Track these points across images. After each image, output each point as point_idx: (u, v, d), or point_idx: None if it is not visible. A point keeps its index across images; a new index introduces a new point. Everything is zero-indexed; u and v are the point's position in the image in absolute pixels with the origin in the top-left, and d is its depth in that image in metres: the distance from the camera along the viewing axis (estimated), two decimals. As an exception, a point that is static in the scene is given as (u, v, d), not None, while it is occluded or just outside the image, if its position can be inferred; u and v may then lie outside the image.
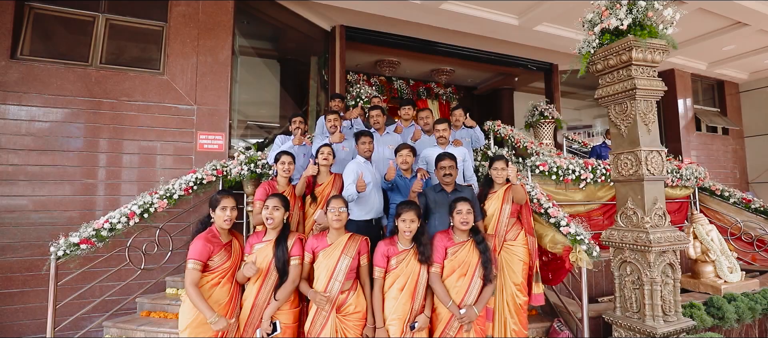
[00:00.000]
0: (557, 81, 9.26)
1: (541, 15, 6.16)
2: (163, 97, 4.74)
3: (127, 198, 4.34)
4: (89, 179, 4.43)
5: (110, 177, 4.52)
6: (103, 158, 4.49)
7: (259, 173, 4.53)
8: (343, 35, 7.30)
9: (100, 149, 4.50)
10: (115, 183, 4.51)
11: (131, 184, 4.56)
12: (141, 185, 4.56)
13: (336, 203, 2.74)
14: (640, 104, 3.04)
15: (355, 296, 2.64)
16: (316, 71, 8.20)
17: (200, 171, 4.35)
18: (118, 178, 4.53)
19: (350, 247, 2.68)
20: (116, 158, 4.53)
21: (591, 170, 4.42)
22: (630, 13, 2.90)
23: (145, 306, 3.98)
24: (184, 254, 4.57)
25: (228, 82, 5.05)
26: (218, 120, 4.96)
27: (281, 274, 2.59)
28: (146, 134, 4.65)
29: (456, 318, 2.60)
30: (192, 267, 2.41)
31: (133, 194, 4.42)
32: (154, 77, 4.74)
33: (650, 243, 2.87)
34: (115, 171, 4.53)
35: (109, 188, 4.49)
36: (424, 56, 8.42)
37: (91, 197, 4.42)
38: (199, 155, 4.85)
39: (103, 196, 4.45)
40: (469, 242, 2.74)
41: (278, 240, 2.64)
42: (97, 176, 4.47)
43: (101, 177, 4.48)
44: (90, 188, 4.43)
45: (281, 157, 3.35)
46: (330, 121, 4.04)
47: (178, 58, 4.84)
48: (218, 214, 2.59)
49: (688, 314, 3.43)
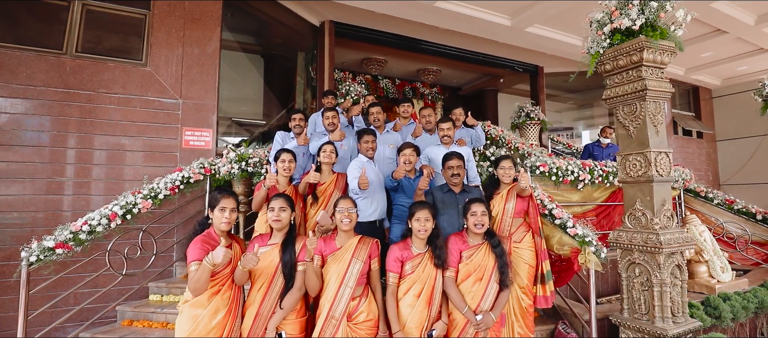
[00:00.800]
0: (542, 83, 9.38)
1: (534, 16, 6.18)
2: (145, 89, 4.43)
3: (106, 198, 4.03)
4: (62, 178, 4.08)
5: (86, 175, 4.18)
6: (79, 155, 4.15)
7: (251, 172, 4.31)
8: (332, 31, 7.11)
9: (75, 144, 4.15)
10: (92, 182, 4.18)
11: (110, 183, 4.23)
12: (121, 184, 4.25)
13: (345, 203, 2.59)
14: (649, 105, 3.03)
15: (367, 303, 2.49)
16: (303, 68, 7.96)
17: (187, 169, 4.09)
18: (95, 176, 4.20)
19: (361, 250, 2.53)
20: (93, 154, 4.20)
21: (588, 171, 4.43)
22: (642, 13, 2.88)
23: (126, 315, 3.69)
24: (168, 258, 4.32)
25: (216, 76, 4.78)
26: (205, 115, 4.69)
27: (288, 280, 2.40)
28: (127, 129, 4.33)
29: (472, 324, 2.49)
30: (195, 269, 2.18)
31: (112, 193, 4.10)
32: (136, 68, 4.42)
33: (661, 245, 2.86)
34: (91, 169, 4.20)
35: (86, 187, 4.15)
36: (412, 55, 8.34)
37: (65, 197, 4.08)
38: (185, 153, 4.56)
39: (79, 195, 4.11)
40: (484, 246, 2.64)
41: (285, 244, 2.45)
42: (71, 175, 4.12)
43: (76, 175, 4.13)
44: (64, 187, 4.08)
45: (281, 155, 3.16)
46: (328, 118, 3.87)
47: (163, 48, 4.54)
48: (217, 215, 2.38)
49: (689, 314, 3.45)
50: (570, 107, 12.63)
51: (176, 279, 4.20)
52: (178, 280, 4.16)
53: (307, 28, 7.16)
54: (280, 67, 8.64)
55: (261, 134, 7.86)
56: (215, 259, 2.10)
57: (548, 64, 9.11)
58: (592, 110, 12.79)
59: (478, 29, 6.73)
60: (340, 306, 2.41)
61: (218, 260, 2.10)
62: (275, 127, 8.09)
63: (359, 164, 3.39)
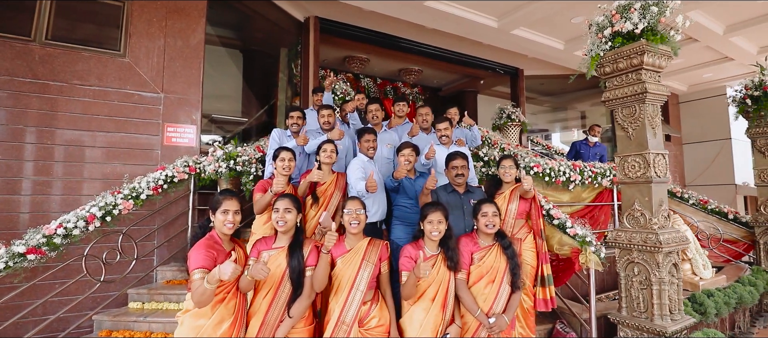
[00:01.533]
0: (523, 85, 9.57)
1: (521, 19, 6.26)
2: (124, 82, 4.13)
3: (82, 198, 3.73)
4: (35, 176, 3.74)
5: (61, 174, 3.85)
6: (48, 151, 3.81)
7: (239, 171, 4.10)
8: (317, 27, 6.95)
9: (45, 140, 3.81)
10: (66, 181, 3.85)
11: (85, 182, 3.92)
12: (97, 183, 3.94)
13: (353, 204, 2.48)
14: (648, 107, 3.09)
15: (378, 308, 2.40)
16: (285, 64, 7.73)
17: (170, 168, 3.84)
18: (70, 175, 3.87)
19: (371, 253, 2.44)
20: (67, 150, 3.87)
21: (579, 172, 4.52)
22: (643, 17, 2.94)
23: (104, 325, 3.42)
24: (149, 263, 4.04)
25: (200, 70, 4.54)
26: (189, 111, 4.43)
27: (295, 286, 2.27)
28: (103, 124, 4.02)
29: (484, 327, 2.45)
30: (198, 277, 2.00)
31: (89, 193, 3.80)
32: (114, 59, 4.12)
33: (660, 244, 2.93)
34: (66, 167, 3.87)
35: (60, 186, 3.82)
36: (395, 54, 8.30)
37: (35, 197, 3.74)
38: (167, 150, 4.30)
39: (52, 196, 3.78)
40: (495, 247, 2.60)
41: (292, 247, 2.31)
42: (45, 172, 3.78)
43: (50, 174, 3.80)
44: (35, 187, 3.74)
45: (281, 153, 3.00)
46: (324, 116, 3.74)
47: (143, 38, 4.25)
48: (219, 218, 2.21)
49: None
50: (545, 109, 12.97)
51: (158, 285, 3.94)
52: (160, 286, 3.90)
53: (292, 23, 6.96)
54: (260, 63, 8.35)
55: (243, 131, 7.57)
56: (222, 275, 1.88)
57: (528, 66, 9.30)
58: (566, 112, 13.19)
59: (464, 30, 6.75)
60: (351, 310, 2.30)
61: (226, 276, 1.87)
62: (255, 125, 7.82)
63: (361, 164, 3.29)
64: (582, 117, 13.08)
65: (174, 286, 3.87)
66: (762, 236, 4.88)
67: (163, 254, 4.14)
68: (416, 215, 3.32)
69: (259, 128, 7.72)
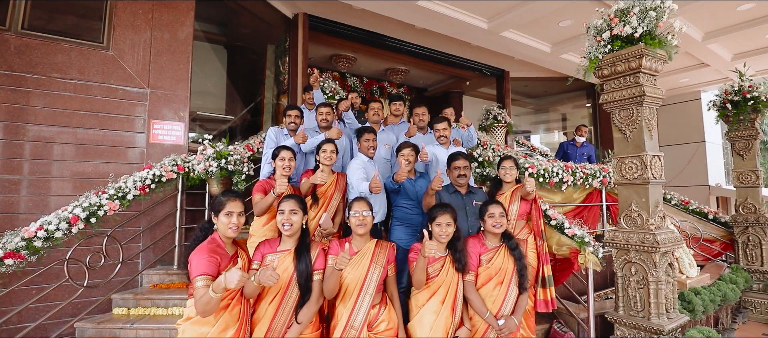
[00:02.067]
0: (508, 87, 9.70)
1: (511, 21, 6.31)
2: (107, 76, 3.92)
3: (61, 199, 3.52)
4: (8, 175, 3.50)
5: (37, 172, 3.62)
6: (28, 148, 3.58)
7: (231, 171, 3.96)
8: (306, 24, 6.83)
9: (24, 136, 3.58)
10: (44, 180, 3.62)
11: (65, 181, 3.70)
12: (78, 182, 3.73)
13: (359, 206, 2.42)
14: (645, 110, 3.15)
15: (387, 311, 2.34)
16: (273, 61, 7.56)
17: (157, 167, 3.68)
18: (48, 173, 3.64)
19: (379, 255, 2.38)
20: (45, 148, 3.64)
21: (571, 173, 4.58)
22: (642, 21, 2.99)
23: (87, 332, 3.23)
24: (134, 266, 3.86)
25: (188, 65, 4.36)
26: (177, 108, 4.25)
27: (303, 291, 2.18)
28: (85, 120, 3.81)
29: (493, 329, 2.43)
30: (202, 285, 1.90)
31: (68, 193, 3.59)
32: (97, 52, 3.91)
33: (658, 244, 2.99)
34: (43, 165, 3.64)
35: (36, 185, 3.59)
36: (382, 53, 8.26)
37: (10, 198, 3.50)
38: (153, 148, 4.11)
39: (28, 195, 3.54)
40: (502, 248, 2.59)
41: (299, 250, 2.23)
42: (19, 171, 3.54)
43: (25, 172, 3.57)
44: (10, 186, 3.50)
45: (281, 152, 2.90)
46: (322, 114, 3.65)
47: (127, 31, 4.05)
48: (222, 220, 2.11)
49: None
50: (528, 111, 13.20)
51: (144, 289, 3.76)
52: (146, 290, 3.72)
53: (280, 19, 6.81)
54: (245, 60, 8.15)
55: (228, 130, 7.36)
56: (229, 283, 1.79)
57: (514, 68, 9.43)
58: (548, 114, 13.46)
59: (455, 31, 6.77)
60: (360, 314, 2.24)
61: (232, 285, 1.79)
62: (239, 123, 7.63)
63: (361, 165, 3.22)
64: (563, 119, 13.37)
65: (161, 290, 3.70)
66: (740, 235, 5.08)
67: (149, 257, 3.95)
68: (417, 216, 3.29)
69: (245, 127, 7.54)
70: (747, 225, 5.00)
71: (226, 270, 2.03)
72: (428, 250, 2.23)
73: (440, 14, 6.06)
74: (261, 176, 3.51)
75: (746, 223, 5.00)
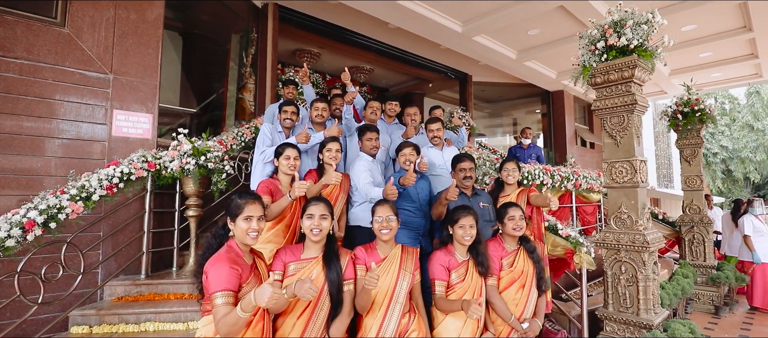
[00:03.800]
0: (471, 90, 9.96)
1: (484, 26, 6.46)
2: (62, 57, 3.38)
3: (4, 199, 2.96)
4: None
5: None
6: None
7: (211, 169, 3.60)
8: (276, 15, 6.48)
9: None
10: (-19, 177, 3.03)
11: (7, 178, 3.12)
12: (24, 180, 3.17)
13: (383, 211, 2.29)
14: (635, 117, 3.34)
15: (417, 320, 2.23)
16: (237, 52, 7.06)
17: (125, 163, 3.24)
18: (-13, 169, 3.05)
19: (407, 261, 2.27)
20: (-18, 139, 3.05)
21: (550, 175, 4.77)
22: (636, 33, 3.16)
23: (42, 358, 2.75)
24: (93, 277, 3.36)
25: (158, 49, 3.90)
26: (144, 97, 3.78)
27: (335, 303, 2.00)
28: (33, 108, 3.24)
29: (517, 332, 2.41)
30: (223, 302, 1.65)
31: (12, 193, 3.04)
32: (49, 28, 3.34)
33: (648, 244, 3.17)
34: (-21, 159, 3.04)
35: (-27, 183, 2.99)
36: (349, 50, 8.11)
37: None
38: (116, 142, 3.62)
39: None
40: (521, 251, 2.59)
41: (328, 258, 2.04)
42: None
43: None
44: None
45: (285, 150, 2.67)
46: (317, 110, 3.44)
47: (87, 7, 3.52)
48: (241, 226, 1.86)
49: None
50: (484, 115, 13.69)
51: (106, 303, 3.28)
52: (110, 304, 3.25)
53: (246, 8, 6.40)
54: (202, 49, 7.53)
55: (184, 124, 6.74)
56: (259, 301, 1.54)
57: (477, 73, 9.71)
58: (501, 119, 14.07)
59: (428, 31, 6.77)
60: (391, 325, 2.11)
61: (263, 303, 1.54)
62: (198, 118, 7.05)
63: (366, 166, 3.07)
64: (514, 123, 14.06)
65: (129, 304, 3.25)
66: (687, 233, 5.62)
67: (111, 267, 3.47)
68: (418, 219, 3.21)
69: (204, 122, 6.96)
70: (693, 225, 5.54)
71: (246, 283, 1.81)
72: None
73: (418, 14, 6.03)
74: (253, 176, 3.23)
75: (692, 223, 5.54)
